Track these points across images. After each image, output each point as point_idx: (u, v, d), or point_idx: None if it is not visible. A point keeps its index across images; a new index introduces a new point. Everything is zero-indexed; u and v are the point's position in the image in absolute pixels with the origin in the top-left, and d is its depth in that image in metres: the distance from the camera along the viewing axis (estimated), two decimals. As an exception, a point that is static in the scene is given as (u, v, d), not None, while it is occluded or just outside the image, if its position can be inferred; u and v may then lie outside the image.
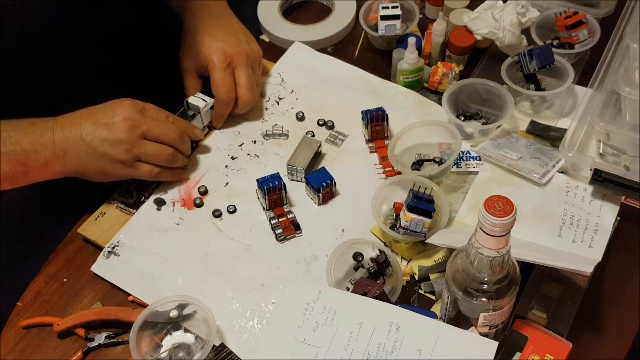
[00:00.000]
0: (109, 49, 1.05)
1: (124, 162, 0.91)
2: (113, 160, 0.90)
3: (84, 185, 0.93)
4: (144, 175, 0.94)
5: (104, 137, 0.89)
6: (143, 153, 0.92)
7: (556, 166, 0.97)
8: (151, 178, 0.95)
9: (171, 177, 0.98)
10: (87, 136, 0.88)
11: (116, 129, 0.89)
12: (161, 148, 0.93)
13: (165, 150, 0.94)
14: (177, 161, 0.97)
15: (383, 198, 0.94)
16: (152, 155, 0.93)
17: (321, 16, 1.22)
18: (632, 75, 0.97)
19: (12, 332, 0.89)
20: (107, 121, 0.89)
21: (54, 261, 0.94)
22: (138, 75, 1.07)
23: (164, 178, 0.97)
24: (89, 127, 0.89)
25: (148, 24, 1.11)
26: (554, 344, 0.82)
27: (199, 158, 1.03)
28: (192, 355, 0.84)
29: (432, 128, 1.01)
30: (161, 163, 0.94)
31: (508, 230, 0.69)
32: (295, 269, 0.92)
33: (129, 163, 0.91)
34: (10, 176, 0.87)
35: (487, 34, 1.09)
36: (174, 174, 0.98)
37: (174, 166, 0.97)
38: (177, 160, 0.96)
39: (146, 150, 0.92)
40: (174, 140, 0.95)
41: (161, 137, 0.93)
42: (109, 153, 0.89)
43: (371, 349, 0.79)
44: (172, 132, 0.95)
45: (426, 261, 0.91)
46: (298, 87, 1.12)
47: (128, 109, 0.91)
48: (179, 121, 0.98)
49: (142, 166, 0.93)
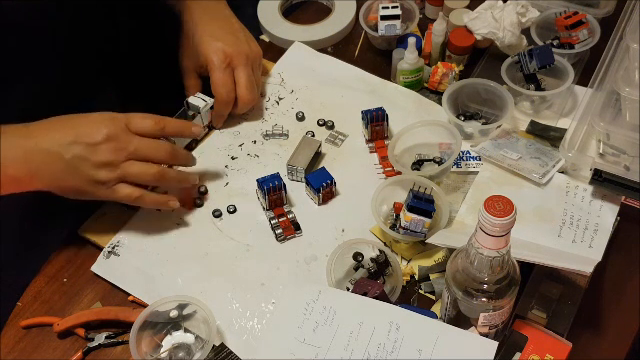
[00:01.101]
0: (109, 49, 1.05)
1: (105, 184, 0.85)
2: (93, 181, 0.84)
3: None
4: (123, 198, 0.87)
5: (86, 157, 0.82)
6: (127, 174, 0.85)
7: (556, 166, 0.97)
8: (130, 202, 0.88)
9: (154, 203, 0.90)
10: (67, 154, 0.82)
11: (100, 151, 0.83)
12: (146, 167, 0.87)
13: (150, 169, 0.87)
14: (166, 178, 0.90)
15: (383, 198, 0.94)
16: (136, 175, 0.86)
17: (321, 16, 1.22)
18: (632, 75, 0.97)
19: (12, 332, 0.89)
20: (89, 141, 0.83)
21: (54, 261, 0.94)
22: (138, 75, 1.07)
23: (145, 204, 0.90)
24: (69, 145, 0.82)
25: (148, 24, 1.11)
26: (554, 344, 0.82)
27: (199, 158, 1.03)
28: (192, 355, 0.84)
29: (432, 128, 1.01)
30: (147, 183, 0.89)
31: (508, 230, 0.69)
32: (295, 269, 0.92)
33: (109, 184, 0.85)
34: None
35: (487, 34, 1.09)
36: (157, 199, 0.91)
37: (163, 184, 0.92)
38: (166, 177, 0.90)
39: (130, 170, 0.85)
40: (164, 158, 0.89)
41: (149, 157, 0.87)
42: (90, 175, 0.83)
43: (371, 349, 0.79)
44: (162, 151, 0.88)
45: (426, 261, 0.91)
46: (298, 87, 1.12)
47: (112, 126, 0.84)
48: (170, 122, 0.91)
49: (122, 188, 0.86)
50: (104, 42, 1.03)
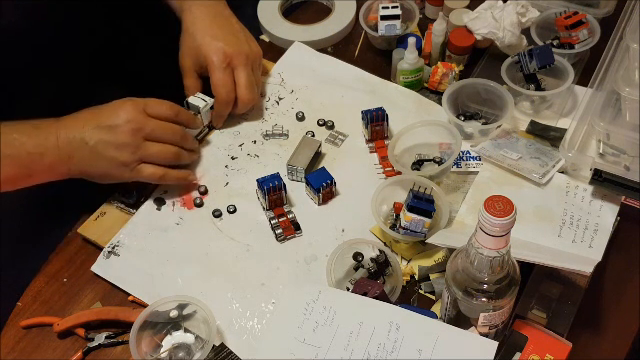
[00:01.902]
0: (109, 49, 1.05)
1: (128, 165, 0.91)
2: (118, 163, 0.90)
3: (84, 185, 0.93)
4: (148, 177, 0.93)
5: (108, 140, 0.89)
6: (147, 154, 0.92)
7: (556, 166, 0.97)
8: (155, 181, 0.95)
9: (177, 179, 0.97)
10: (90, 140, 0.88)
11: (120, 133, 0.89)
12: (165, 147, 0.93)
13: (169, 149, 0.94)
14: (182, 159, 0.96)
15: (383, 198, 0.94)
16: (156, 155, 0.92)
17: (321, 16, 1.22)
18: (632, 75, 0.97)
19: (12, 332, 0.89)
20: (110, 124, 0.89)
21: (54, 261, 0.94)
22: (138, 75, 1.07)
23: (169, 180, 0.96)
24: (92, 131, 0.88)
25: (148, 24, 1.11)
26: (554, 344, 0.82)
27: (199, 158, 1.03)
28: (192, 355, 0.84)
29: (432, 128, 1.01)
30: (166, 162, 0.94)
31: (508, 230, 0.69)
32: (295, 269, 0.92)
33: (133, 166, 0.91)
34: (13, 179, 0.87)
35: (487, 34, 1.09)
36: (180, 175, 0.97)
37: (180, 163, 0.97)
38: (182, 158, 0.96)
39: (150, 151, 0.92)
40: (177, 140, 0.95)
41: (163, 138, 0.93)
42: (113, 156, 0.89)
43: (371, 349, 0.79)
44: (175, 132, 0.95)
45: (426, 261, 0.91)
46: (298, 87, 1.12)
47: (131, 110, 0.90)
48: (182, 110, 0.98)
49: (146, 168, 0.92)
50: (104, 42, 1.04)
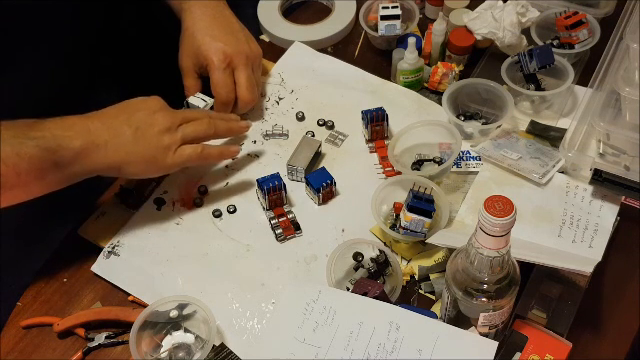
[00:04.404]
0: (109, 49, 1.05)
1: (170, 148, 0.90)
2: (162, 147, 0.89)
3: (84, 185, 0.93)
4: (189, 157, 0.92)
5: (150, 123, 0.89)
6: (186, 134, 0.91)
7: (556, 166, 0.97)
8: (196, 159, 0.93)
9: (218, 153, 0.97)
10: (131, 125, 0.87)
11: (159, 118, 0.90)
12: (198, 123, 0.93)
13: (202, 123, 0.94)
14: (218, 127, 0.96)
15: (383, 198, 0.94)
16: (193, 132, 0.92)
17: (321, 16, 1.22)
18: (632, 75, 0.97)
19: (12, 332, 0.89)
20: (148, 109, 0.90)
21: (54, 261, 0.94)
22: (138, 75, 1.07)
23: (210, 155, 0.96)
24: (131, 115, 0.88)
25: (148, 24, 1.11)
26: (554, 344, 0.82)
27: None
28: (192, 355, 0.84)
29: (432, 128, 1.01)
30: (205, 134, 0.94)
31: (508, 230, 0.69)
32: (295, 269, 0.92)
33: (174, 148, 0.90)
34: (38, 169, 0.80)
35: (487, 34, 1.09)
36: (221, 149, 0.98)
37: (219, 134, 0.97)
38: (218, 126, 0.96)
39: (187, 130, 0.92)
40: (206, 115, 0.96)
41: (195, 117, 0.94)
42: (157, 140, 0.89)
43: (371, 349, 0.79)
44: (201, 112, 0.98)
45: (426, 261, 0.91)
46: (298, 87, 1.12)
47: (160, 101, 0.92)
48: None
49: (186, 148, 0.91)
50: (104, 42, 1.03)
